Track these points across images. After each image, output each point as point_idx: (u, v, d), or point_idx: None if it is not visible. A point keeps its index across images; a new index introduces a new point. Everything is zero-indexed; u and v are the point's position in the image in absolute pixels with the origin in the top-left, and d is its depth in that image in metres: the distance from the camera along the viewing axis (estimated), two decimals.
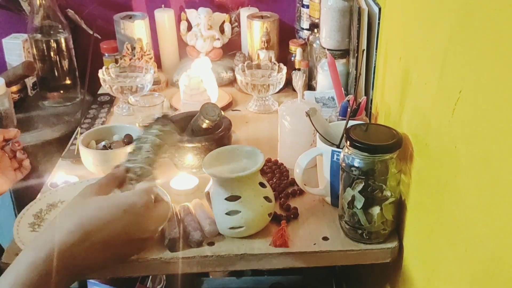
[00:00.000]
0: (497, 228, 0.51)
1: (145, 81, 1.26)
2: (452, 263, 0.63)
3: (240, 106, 1.34)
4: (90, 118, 1.27)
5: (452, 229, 0.62)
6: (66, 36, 1.36)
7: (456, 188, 0.61)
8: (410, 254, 0.80)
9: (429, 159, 0.71)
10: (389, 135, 0.78)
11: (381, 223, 0.80)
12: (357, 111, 0.96)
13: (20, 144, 0.89)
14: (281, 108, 1.04)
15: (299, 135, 1.01)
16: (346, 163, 0.79)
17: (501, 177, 0.50)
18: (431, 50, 0.70)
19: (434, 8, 0.70)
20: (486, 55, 0.53)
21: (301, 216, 0.89)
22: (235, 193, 0.81)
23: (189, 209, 0.89)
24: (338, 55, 1.21)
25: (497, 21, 0.50)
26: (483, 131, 0.54)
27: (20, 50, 1.38)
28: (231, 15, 1.49)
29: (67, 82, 1.40)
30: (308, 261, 0.82)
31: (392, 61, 0.92)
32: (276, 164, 1.04)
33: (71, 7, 1.47)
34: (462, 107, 0.59)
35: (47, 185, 0.99)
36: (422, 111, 0.74)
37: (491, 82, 0.52)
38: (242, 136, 1.18)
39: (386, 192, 0.78)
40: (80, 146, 0.99)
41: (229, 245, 0.82)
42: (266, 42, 1.41)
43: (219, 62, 1.46)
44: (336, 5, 1.17)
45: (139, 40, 1.41)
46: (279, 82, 1.27)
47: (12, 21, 1.47)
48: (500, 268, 0.50)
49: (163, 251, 0.81)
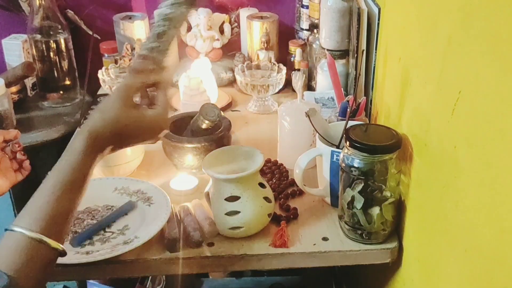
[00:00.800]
0: (497, 229, 0.51)
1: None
2: (451, 263, 0.63)
3: (240, 107, 1.34)
4: None
5: (451, 229, 0.62)
6: (66, 36, 1.36)
7: (456, 188, 0.61)
8: (409, 255, 0.80)
9: (429, 159, 0.71)
10: (388, 136, 0.78)
11: (380, 224, 0.80)
12: (356, 112, 0.96)
13: (20, 145, 0.89)
14: (280, 108, 1.04)
15: (298, 136, 1.01)
16: (345, 163, 0.79)
17: (501, 177, 0.50)
18: (430, 51, 0.70)
19: (434, 9, 0.70)
20: (486, 55, 0.53)
21: (300, 217, 0.89)
22: (235, 194, 0.81)
23: (188, 210, 0.89)
24: (337, 56, 1.21)
25: (497, 22, 0.50)
26: (482, 131, 0.54)
27: (20, 51, 1.38)
28: (230, 15, 1.49)
29: (66, 83, 1.40)
30: (307, 261, 0.82)
31: (391, 62, 0.92)
32: (276, 165, 1.04)
33: (71, 7, 1.46)
34: (462, 107, 0.59)
35: None
36: (421, 112, 0.74)
37: (490, 82, 0.52)
38: (241, 137, 1.18)
39: (386, 192, 0.78)
40: None
41: (228, 245, 0.82)
42: (265, 42, 1.41)
43: (219, 62, 1.46)
44: (336, 5, 1.17)
45: (138, 40, 1.41)
46: (278, 83, 1.27)
47: (11, 22, 1.47)
48: (500, 268, 0.50)
49: (162, 252, 0.81)
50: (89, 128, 0.67)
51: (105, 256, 0.77)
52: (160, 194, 0.91)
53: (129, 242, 0.80)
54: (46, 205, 0.62)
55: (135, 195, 0.92)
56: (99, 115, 0.69)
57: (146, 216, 0.87)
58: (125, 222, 0.87)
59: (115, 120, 0.68)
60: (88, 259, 0.77)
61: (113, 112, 0.69)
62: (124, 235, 0.83)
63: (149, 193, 0.92)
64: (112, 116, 0.68)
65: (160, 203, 0.89)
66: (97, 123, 0.68)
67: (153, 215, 0.86)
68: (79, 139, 0.67)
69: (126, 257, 0.79)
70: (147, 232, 0.81)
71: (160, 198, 0.90)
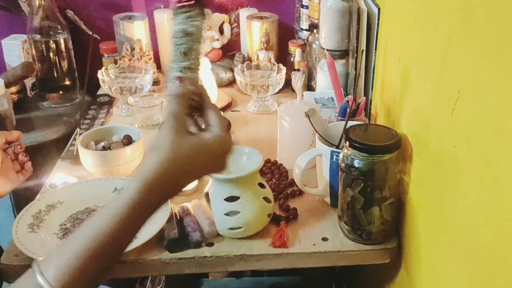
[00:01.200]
0: (497, 229, 0.51)
1: (144, 81, 1.26)
2: (451, 263, 0.63)
3: (240, 107, 1.34)
4: (90, 119, 1.27)
5: (451, 229, 0.62)
6: (66, 37, 1.36)
7: (456, 188, 0.60)
8: (409, 255, 0.80)
9: (429, 159, 0.71)
10: (388, 136, 0.78)
11: (380, 224, 0.80)
12: (356, 112, 0.96)
13: (22, 146, 0.89)
14: (280, 108, 1.04)
15: (298, 136, 1.01)
16: (345, 163, 0.79)
17: (501, 177, 0.50)
18: (430, 51, 0.70)
19: (434, 8, 0.70)
20: (485, 55, 0.53)
21: (300, 217, 0.89)
22: (234, 194, 0.81)
23: (188, 210, 0.88)
24: (337, 56, 1.21)
25: (496, 22, 0.50)
26: (482, 131, 0.54)
27: (20, 51, 1.38)
28: (230, 15, 1.49)
29: (66, 83, 1.40)
30: (307, 261, 0.82)
31: (391, 62, 0.92)
32: (276, 165, 1.04)
33: (71, 8, 1.47)
34: (461, 107, 0.59)
35: (46, 186, 0.99)
36: (421, 112, 0.74)
37: (490, 82, 0.52)
38: (241, 137, 1.18)
39: (386, 192, 0.78)
40: (79, 147, 0.99)
41: (228, 245, 0.82)
42: (265, 42, 1.41)
43: (219, 62, 1.46)
44: (336, 5, 1.17)
45: (138, 41, 1.41)
46: (278, 83, 1.27)
47: (11, 22, 1.47)
48: (499, 268, 0.50)
49: (162, 252, 0.80)
50: (144, 174, 0.57)
51: None
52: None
53: None
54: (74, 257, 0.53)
55: None
56: (153, 156, 0.58)
57: None
58: None
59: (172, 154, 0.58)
60: None
61: (168, 147, 0.59)
62: None
63: None
64: (168, 152, 0.58)
65: None
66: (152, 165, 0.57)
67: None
68: (133, 187, 0.56)
69: (125, 257, 0.79)
70: (147, 233, 0.81)
71: None
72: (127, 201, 0.55)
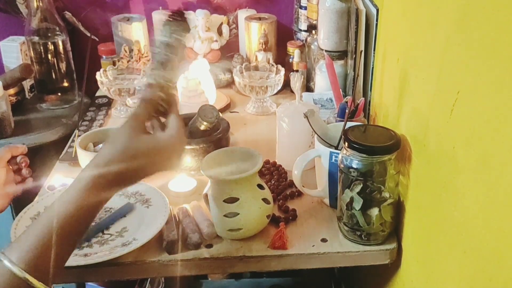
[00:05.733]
0: (496, 229, 0.51)
1: (142, 83, 1.26)
2: (451, 264, 0.63)
3: (238, 108, 1.34)
4: (88, 121, 1.27)
5: (451, 230, 0.62)
6: (64, 38, 1.36)
7: (455, 189, 0.60)
8: (409, 256, 0.80)
9: (428, 160, 0.70)
10: (387, 136, 0.78)
11: (379, 225, 0.80)
12: (355, 112, 0.96)
13: (27, 162, 0.90)
14: (279, 109, 1.03)
15: (297, 137, 1.01)
16: (344, 164, 0.79)
17: (500, 178, 0.49)
18: (429, 51, 0.70)
19: (432, 9, 0.70)
20: (484, 55, 0.53)
21: (299, 218, 0.89)
22: (234, 195, 0.81)
23: (187, 211, 0.88)
24: (336, 57, 1.21)
25: (495, 22, 0.50)
26: (481, 132, 0.54)
27: (18, 53, 1.38)
28: (229, 16, 1.49)
29: (64, 85, 1.40)
30: (307, 263, 0.82)
31: (390, 62, 0.92)
32: (275, 166, 1.04)
33: (69, 9, 1.46)
34: (460, 107, 0.59)
35: (45, 188, 0.99)
36: (420, 112, 0.74)
37: (489, 82, 0.52)
38: (240, 138, 1.18)
39: (385, 193, 0.78)
40: (78, 148, 0.99)
41: (227, 247, 0.82)
42: (264, 43, 1.41)
43: (217, 64, 1.46)
44: (334, 6, 1.17)
45: (136, 42, 1.41)
46: (277, 84, 1.27)
47: (9, 24, 1.46)
48: (499, 269, 0.50)
49: (161, 254, 0.80)
50: (96, 162, 0.63)
51: (104, 258, 0.77)
52: (158, 196, 0.91)
53: (128, 244, 0.80)
54: (37, 239, 0.58)
55: (134, 197, 0.92)
56: (107, 148, 0.64)
57: (144, 218, 0.87)
58: (124, 224, 0.87)
59: (125, 148, 0.64)
60: (86, 262, 0.77)
61: (122, 141, 0.64)
62: (122, 237, 0.83)
63: (147, 195, 0.92)
64: (121, 145, 0.64)
65: (158, 205, 0.89)
66: (105, 155, 0.63)
67: (152, 217, 0.86)
68: (84, 175, 0.62)
69: (124, 259, 0.79)
70: (146, 234, 0.81)
71: (158, 200, 0.90)
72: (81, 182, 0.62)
